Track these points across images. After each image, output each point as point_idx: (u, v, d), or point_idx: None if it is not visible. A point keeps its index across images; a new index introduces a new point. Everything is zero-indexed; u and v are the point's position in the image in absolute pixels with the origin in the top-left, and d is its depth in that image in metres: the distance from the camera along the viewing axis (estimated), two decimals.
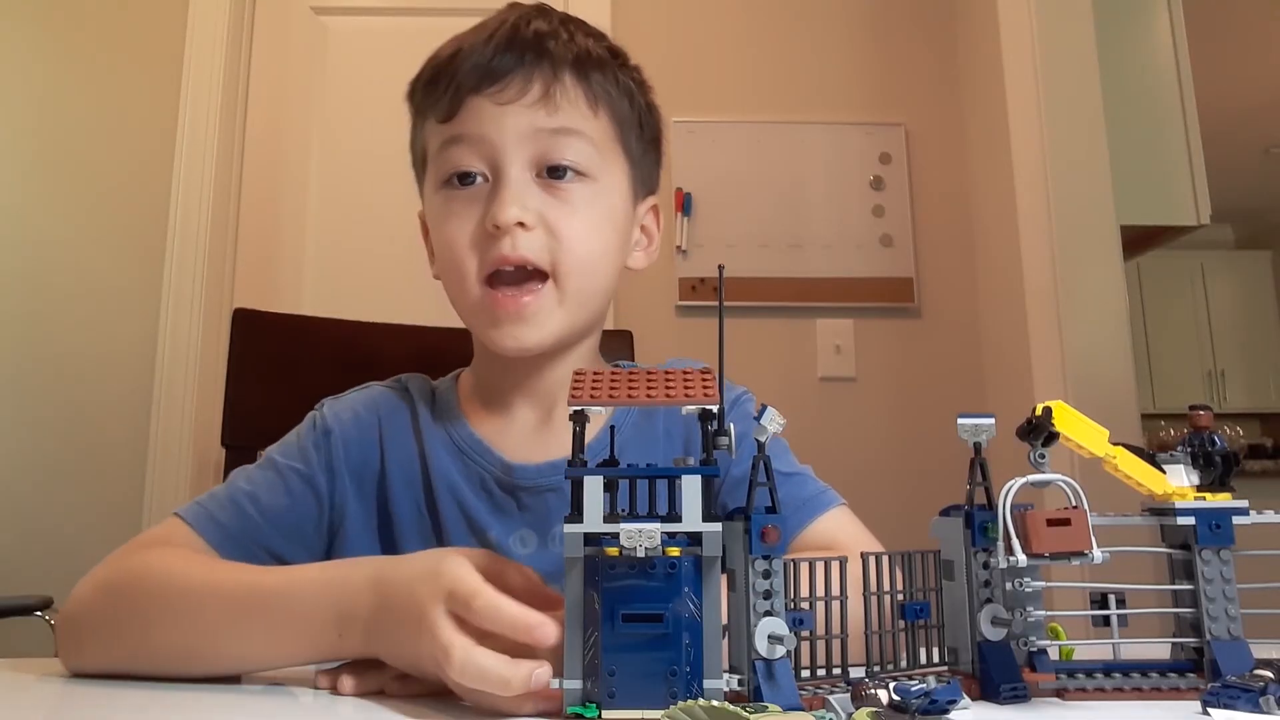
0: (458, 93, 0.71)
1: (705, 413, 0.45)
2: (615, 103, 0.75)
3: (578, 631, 0.43)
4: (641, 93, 0.79)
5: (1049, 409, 0.50)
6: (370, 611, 0.53)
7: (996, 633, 0.49)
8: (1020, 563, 0.46)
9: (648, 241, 0.83)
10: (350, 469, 0.76)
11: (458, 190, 0.73)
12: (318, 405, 0.81)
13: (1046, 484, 0.50)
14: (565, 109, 0.72)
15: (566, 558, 0.43)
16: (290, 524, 0.73)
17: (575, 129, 0.72)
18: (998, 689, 0.48)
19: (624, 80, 0.77)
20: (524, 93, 0.71)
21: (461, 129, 0.72)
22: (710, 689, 0.42)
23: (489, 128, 0.71)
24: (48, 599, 1.46)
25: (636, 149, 0.78)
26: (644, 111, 0.79)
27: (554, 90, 0.71)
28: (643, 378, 0.47)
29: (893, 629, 0.49)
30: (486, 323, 0.73)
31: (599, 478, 0.44)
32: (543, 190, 0.72)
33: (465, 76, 0.71)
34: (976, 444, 0.51)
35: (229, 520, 0.70)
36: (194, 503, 0.71)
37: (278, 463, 0.75)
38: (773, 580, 0.44)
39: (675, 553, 0.42)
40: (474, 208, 0.72)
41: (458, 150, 0.72)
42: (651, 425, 0.80)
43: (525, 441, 0.77)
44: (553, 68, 0.72)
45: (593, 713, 0.41)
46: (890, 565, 0.50)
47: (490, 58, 0.71)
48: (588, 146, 0.73)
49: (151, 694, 0.54)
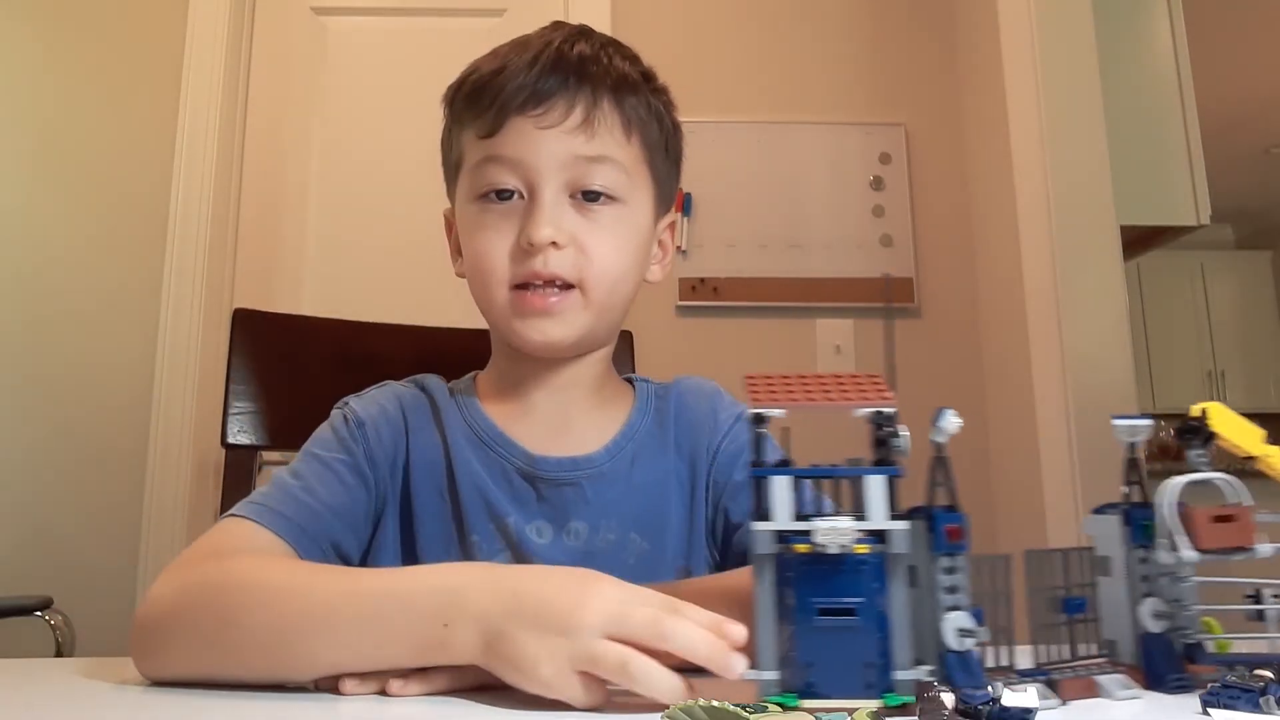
0: (501, 111, 0.74)
1: (878, 415, 0.48)
2: (646, 126, 0.78)
3: (770, 625, 0.45)
4: (669, 115, 0.82)
5: (1206, 410, 0.53)
6: (489, 606, 0.51)
7: (1158, 625, 0.51)
8: (1188, 558, 0.49)
9: (663, 254, 0.86)
10: (385, 458, 0.78)
11: (493, 204, 0.75)
12: (340, 403, 0.82)
13: (1208, 482, 0.52)
14: (602, 136, 0.75)
15: (757, 554, 0.45)
16: (348, 515, 0.74)
17: (610, 157, 0.75)
18: (1164, 679, 0.50)
19: (655, 104, 0.80)
20: (565, 117, 0.73)
21: (502, 150, 0.74)
22: (902, 680, 0.44)
23: (528, 151, 0.74)
24: (48, 599, 1.46)
25: (662, 169, 0.81)
26: (670, 134, 0.82)
27: (594, 117, 0.74)
28: (815, 382, 0.49)
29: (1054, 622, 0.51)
30: (514, 317, 0.75)
31: (786, 477, 0.46)
32: (575, 211, 0.75)
33: (510, 96, 0.73)
34: (1131, 444, 0.54)
35: (295, 514, 0.70)
36: (249, 503, 0.71)
37: (322, 457, 0.76)
38: (957, 576, 0.46)
39: (863, 549, 0.44)
40: (509, 222, 0.75)
41: (496, 169, 0.75)
42: (664, 433, 0.83)
43: (545, 435, 0.80)
44: (593, 93, 0.75)
45: (793, 702, 0.43)
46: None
47: (535, 79, 0.73)
48: (620, 173, 0.76)
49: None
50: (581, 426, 0.81)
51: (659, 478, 0.81)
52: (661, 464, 0.81)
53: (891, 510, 0.45)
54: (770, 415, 0.47)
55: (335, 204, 2.18)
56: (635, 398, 0.85)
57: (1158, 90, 2.12)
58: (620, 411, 0.83)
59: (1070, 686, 0.48)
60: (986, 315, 2.13)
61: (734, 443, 0.82)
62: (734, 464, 0.81)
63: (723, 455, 0.82)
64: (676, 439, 0.83)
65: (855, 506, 0.47)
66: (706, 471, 0.82)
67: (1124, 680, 0.50)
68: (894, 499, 0.46)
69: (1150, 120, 2.10)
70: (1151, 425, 0.53)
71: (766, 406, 0.47)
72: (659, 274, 0.85)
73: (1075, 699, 0.48)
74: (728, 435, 0.82)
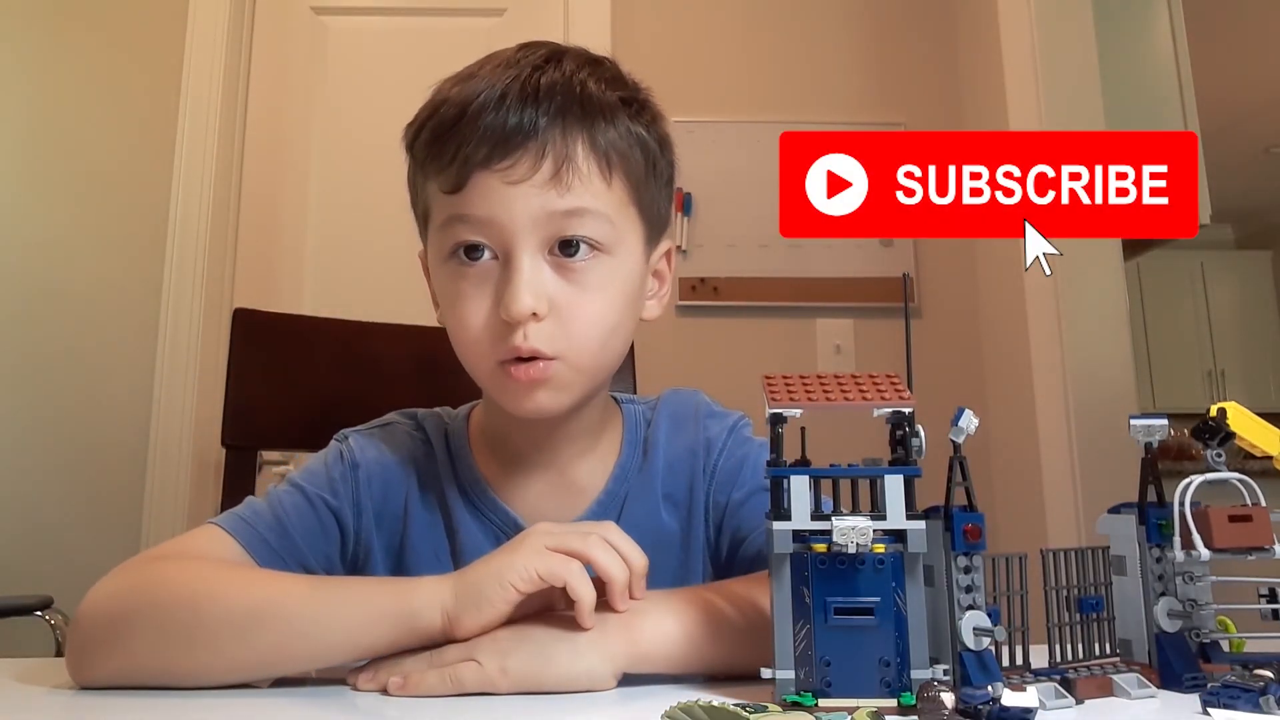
0: (465, 166, 0.67)
1: (896, 415, 0.48)
2: (627, 160, 0.72)
3: (787, 623, 0.45)
4: (654, 134, 0.75)
5: (1224, 410, 0.53)
6: (443, 581, 0.59)
7: (1173, 625, 0.52)
8: (1203, 557, 0.49)
9: (659, 286, 0.80)
10: (374, 506, 0.76)
11: (467, 266, 0.69)
12: (340, 436, 0.80)
13: (1224, 482, 0.52)
14: (577, 188, 0.68)
15: (775, 554, 0.45)
16: (321, 552, 0.73)
17: (588, 209, 0.68)
18: (1179, 678, 0.50)
19: (635, 130, 0.73)
20: (535, 170, 0.66)
21: (468, 209, 0.68)
22: (918, 679, 0.44)
23: (498, 210, 0.67)
24: (48, 599, 1.46)
25: (649, 199, 0.75)
26: (657, 156, 0.75)
27: (565, 169, 0.67)
28: (833, 381, 0.50)
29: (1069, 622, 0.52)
30: (502, 391, 0.71)
31: (804, 477, 0.46)
32: (555, 271, 0.69)
33: (473, 149, 0.66)
34: (1148, 444, 0.54)
35: (271, 535, 0.70)
36: (231, 514, 0.71)
37: (307, 490, 0.74)
38: (974, 576, 0.47)
39: (880, 549, 0.45)
40: (484, 288, 0.69)
41: (465, 229, 0.68)
42: (652, 466, 0.80)
43: (539, 492, 0.78)
44: (563, 134, 0.68)
45: (810, 701, 0.43)
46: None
47: (501, 124, 0.66)
48: (601, 222, 0.69)
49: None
50: (573, 475, 0.78)
51: (650, 509, 0.78)
52: (652, 498, 0.79)
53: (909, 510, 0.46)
54: (789, 415, 0.47)
55: (335, 204, 2.18)
56: (624, 428, 0.82)
57: (1158, 90, 2.12)
58: (611, 449, 0.80)
59: (1086, 685, 0.48)
60: (986, 315, 2.13)
61: (730, 459, 0.80)
62: (732, 481, 0.79)
63: (720, 473, 0.79)
64: (668, 464, 0.80)
65: (872, 506, 0.47)
66: (706, 492, 0.79)
67: (1139, 679, 0.50)
68: (911, 499, 0.46)
69: (1150, 120, 2.10)
70: (1166, 425, 0.53)
71: (785, 406, 0.47)
72: (657, 310, 0.79)
73: (1091, 698, 0.48)
74: (723, 451, 0.80)
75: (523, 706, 0.51)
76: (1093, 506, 1.66)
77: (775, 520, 0.45)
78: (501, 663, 0.54)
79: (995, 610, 0.47)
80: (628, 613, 0.58)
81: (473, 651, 0.55)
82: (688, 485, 0.80)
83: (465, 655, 0.55)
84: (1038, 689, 0.45)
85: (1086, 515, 1.70)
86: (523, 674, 0.54)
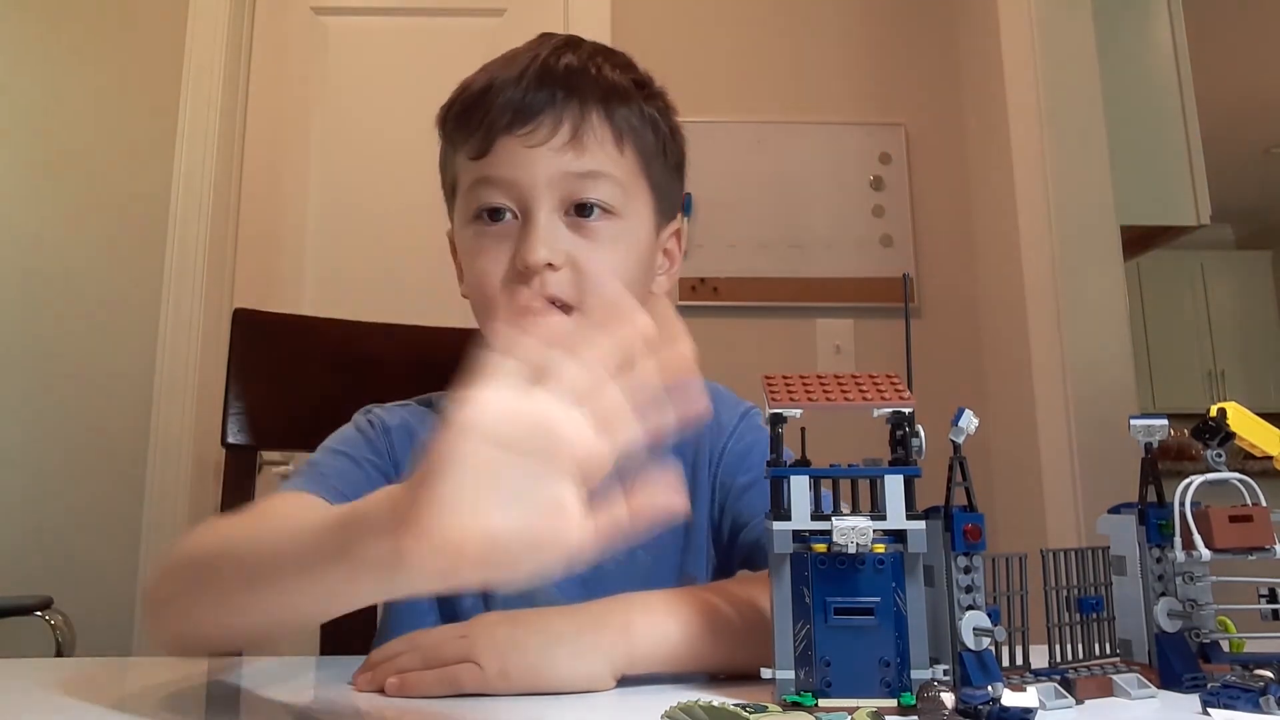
0: (489, 132, 0.73)
1: (897, 415, 0.48)
2: (640, 135, 0.78)
3: (788, 623, 0.45)
4: (665, 120, 0.81)
5: (1224, 410, 0.53)
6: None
7: (1172, 625, 0.52)
8: (1203, 557, 0.49)
9: (669, 264, 0.85)
10: (404, 467, 0.78)
11: (488, 226, 0.75)
12: (363, 410, 0.83)
13: (1224, 482, 0.52)
14: (592, 150, 0.74)
15: (774, 553, 0.45)
16: None
17: (602, 171, 0.74)
18: (1179, 678, 0.50)
19: (648, 111, 0.79)
20: (553, 134, 0.73)
21: (492, 170, 0.74)
22: (918, 679, 0.44)
23: (519, 171, 0.73)
24: (48, 599, 1.46)
25: (660, 178, 0.80)
26: (668, 139, 0.81)
27: (582, 132, 0.73)
28: (834, 381, 0.49)
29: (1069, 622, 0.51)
30: None
31: (804, 476, 0.46)
32: (570, 229, 0.74)
33: (496, 115, 0.73)
34: (1148, 444, 0.54)
35: (343, 485, 0.71)
36: (297, 475, 0.72)
37: (351, 454, 0.76)
38: (973, 576, 0.47)
39: (880, 549, 0.45)
40: (504, 244, 0.74)
41: (488, 190, 0.74)
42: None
43: None
44: (580, 107, 0.74)
45: (810, 701, 0.44)
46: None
47: (521, 96, 0.73)
48: (614, 186, 0.75)
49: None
50: None
51: None
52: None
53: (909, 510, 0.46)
54: (789, 415, 0.47)
55: (335, 204, 2.18)
56: None
57: (1158, 90, 2.12)
58: None
59: (1086, 686, 0.48)
60: (986, 315, 2.13)
61: (740, 442, 0.81)
62: (740, 464, 0.80)
63: (729, 455, 0.81)
64: (676, 442, 0.81)
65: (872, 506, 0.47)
66: (712, 473, 0.81)
67: (1139, 679, 0.50)
68: (911, 499, 0.46)
69: (1150, 120, 2.10)
70: (1166, 425, 0.53)
71: (785, 406, 0.47)
72: (666, 285, 0.84)
73: (1091, 698, 0.48)
74: (733, 435, 0.82)
75: (522, 707, 0.51)
76: (1093, 506, 1.66)
77: (775, 520, 0.45)
78: (500, 664, 0.54)
79: (995, 610, 0.47)
80: (627, 614, 0.57)
81: (471, 652, 0.55)
82: (692, 462, 0.81)
83: (463, 656, 0.54)
84: (1038, 689, 0.45)
85: (1086, 515, 1.70)
86: (522, 674, 0.54)
